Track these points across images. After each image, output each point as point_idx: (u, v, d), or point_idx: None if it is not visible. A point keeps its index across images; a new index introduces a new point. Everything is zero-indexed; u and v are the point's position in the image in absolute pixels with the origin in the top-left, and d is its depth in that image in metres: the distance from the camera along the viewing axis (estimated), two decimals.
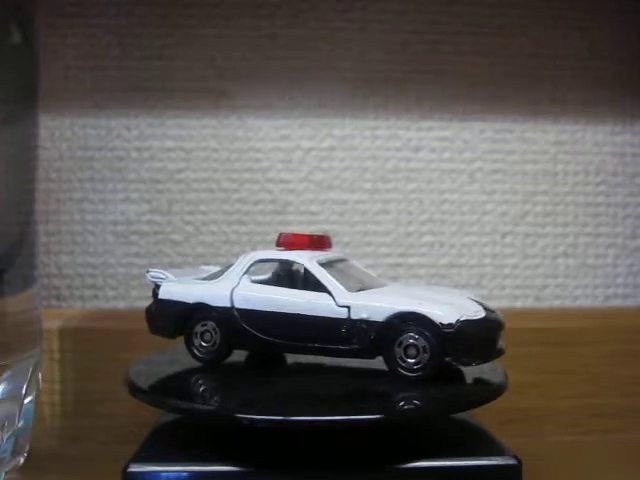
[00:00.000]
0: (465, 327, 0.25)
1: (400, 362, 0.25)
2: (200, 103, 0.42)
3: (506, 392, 0.26)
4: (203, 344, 0.28)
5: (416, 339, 0.25)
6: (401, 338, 0.25)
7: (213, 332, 0.28)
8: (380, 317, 0.25)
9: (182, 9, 0.42)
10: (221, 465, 0.23)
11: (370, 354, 0.26)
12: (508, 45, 0.43)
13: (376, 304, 0.26)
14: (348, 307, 0.26)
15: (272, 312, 0.27)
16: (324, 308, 0.26)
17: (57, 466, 0.33)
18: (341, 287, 0.27)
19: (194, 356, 0.28)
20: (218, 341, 0.28)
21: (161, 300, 0.29)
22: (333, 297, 0.26)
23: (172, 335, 0.29)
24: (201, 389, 0.25)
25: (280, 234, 0.30)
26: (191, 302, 0.28)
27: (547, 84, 0.43)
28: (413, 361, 0.25)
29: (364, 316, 0.26)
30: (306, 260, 0.28)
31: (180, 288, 0.28)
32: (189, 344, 0.28)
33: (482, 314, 0.26)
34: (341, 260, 0.30)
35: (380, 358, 0.27)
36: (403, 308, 0.25)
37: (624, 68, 0.43)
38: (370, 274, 0.30)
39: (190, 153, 0.42)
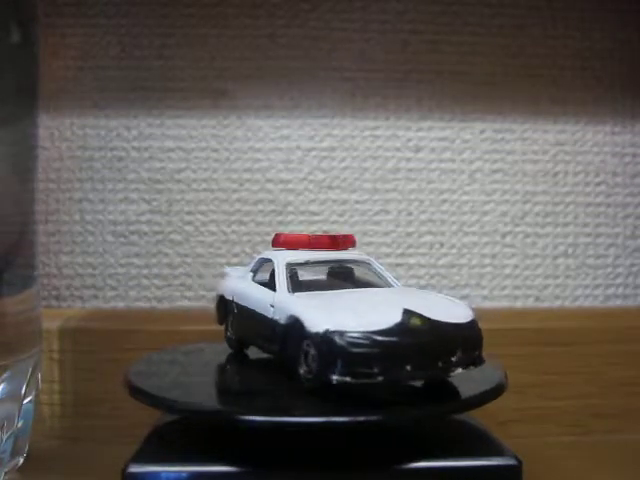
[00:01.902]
0: (333, 338, 0.22)
1: (298, 369, 0.24)
2: (200, 103, 0.42)
3: (506, 392, 0.26)
4: (228, 334, 0.31)
5: (308, 346, 0.23)
6: (303, 344, 0.23)
7: (231, 324, 0.31)
8: (285, 320, 0.25)
9: (182, 9, 0.42)
10: (221, 465, 0.23)
11: (284, 358, 0.25)
12: (508, 45, 0.43)
13: (287, 306, 0.25)
14: (273, 307, 0.26)
15: (245, 307, 0.29)
16: (264, 306, 0.27)
17: (56, 466, 0.33)
18: (284, 288, 0.26)
19: (228, 344, 0.31)
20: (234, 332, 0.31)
21: (218, 294, 0.32)
22: (273, 296, 0.27)
23: (219, 323, 0.32)
24: (201, 389, 0.25)
25: (277, 234, 0.31)
26: (225, 296, 0.31)
27: (547, 84, 0.43)
28: (304, 370, 0.23)
29: (277, 317, 0.25)
30: (279, 259, 0.28)
31: (225, 284, 0.32)
32: (224, 333, 0.31)
33: (387, 326, 0.22)
34: (336, 261, 0.29)
35: None
36: (294, 312, 0.24)
37: (624, 68, 0.43)
38: (370, 281, 0.29)
39: (190, 153, 0.42)
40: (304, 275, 0.29)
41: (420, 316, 0.23)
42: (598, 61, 0.43)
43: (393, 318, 0.23)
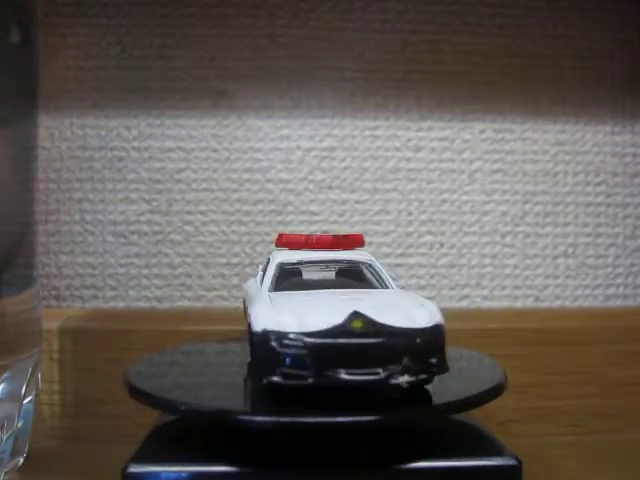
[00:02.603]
0: (268, 338, 0.22)
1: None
2: (200, 103, 0.42)
3: (506, 392, 0.26)
4: None
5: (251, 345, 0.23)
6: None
7: None
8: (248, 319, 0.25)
9: (182, 9, 0.42)
10: (221, 466, 0.23)
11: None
12: (508, 45, 0.43)
13: (252, 305, 0.25)
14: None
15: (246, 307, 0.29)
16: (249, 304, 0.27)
17: (56, 466, 0.33)
18: (266, 286, 0.27)
19: None
20: None
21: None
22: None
23: None
24: (200, 390, 0.25)
25: (280, 234, 0.31)
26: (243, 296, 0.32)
27: (547, 84, 0.43)
28: (249, 369, 0.23)
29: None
30: (274, 259, 0.29)
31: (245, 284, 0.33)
32: None
33: (324, 328, 0.22)
34: (333, 262, 0.29)
35: None
36: (250, 311, 0.24)
37: (624, 68, 0.43)
38: (365, 282, 0.28)
39: (190, 153, 0.42)
40: (308, 275, 0.29)
41: (364, 319, 0.22)
42: (598, 61, 0.43)
43: (335, 320, 0.22)
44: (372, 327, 0.22)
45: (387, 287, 0.28)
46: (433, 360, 0.22)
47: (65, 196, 0.41)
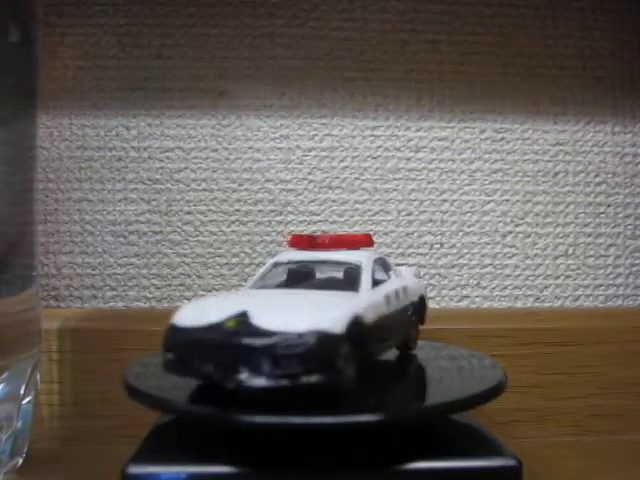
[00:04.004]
0: (169, 328, 0.24)
1: None
2: (199, 103, 0.42)
3: (506, 392, 0.26)
4: None
5: None
6: None
7: None
8: None
9: (181, 8, 0.41)
10: (220, 466, 0.23)
11: None
12: (508, 45, 0.43)
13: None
14: None
15: None
16: None
17: (56, 467, 0.33)
18: (249, 283, 0.28)
19: None
20: None
21: None
22: None
23: None
24: (200, 390, 0.25)
25: (291, 235, 0.31)
26: None
27: (547, 84, 0.43)
28: None
29: None
30: (272, 258, 0.30)
31: None
32: None
33: (203, 324, 0.23)
34: (320, 262, 0.29)
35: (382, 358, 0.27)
36: None
37: (624, 68, 0.43)
38: (340, 283, 0.28)
39: (189, 153, 0.42)
40: (321, 275, 0.30)
41: (239, 319, 0.22)
42: (598, 61, 0.43)
43: (218, 317, 0.23)
44: (243, 327, 0.22)
45: (356, 290, 0.26)
46: (302, 368, 0.21)
47: (64, 196, 0.41)
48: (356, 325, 0.23)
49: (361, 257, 0.28)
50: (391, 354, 0.30)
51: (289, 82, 0.42)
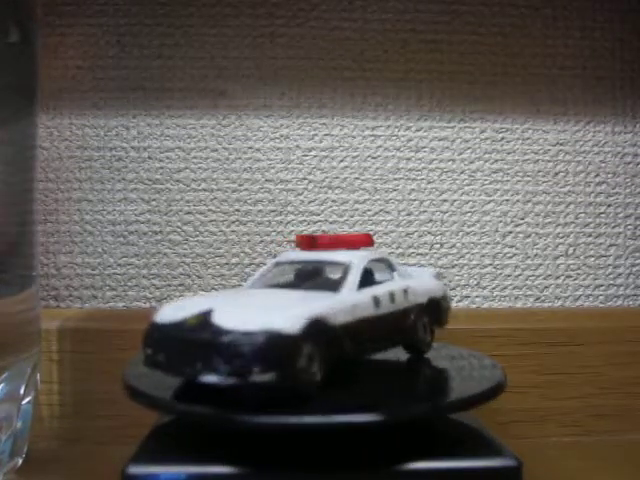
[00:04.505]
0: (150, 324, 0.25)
1: None
2: (199, 103, 0.42)
3: (506, 392, 0.26)
4: None
5: None
6: None
7: None
8: None
9: (181, 8, 0.41)
10: (220, 466, 0.23)
11: None
12: (508, 45, 0.43)
13: None
14: None
15: None
16: None
17: (55, 467, 0.33)
18: (249, 282, 0.29)
19: None
20: None
21: None
22: None
23: None
24: (199, 391, 0.25)
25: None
26: None
27: (547, 84, 0.43)
28: None
29: None
30: (276, 257, 0.30)
31: None
32: None
33: (172, 321, 0.24)
34: (316, 262, 0.29)
35: (380, 357, 0.27)
36: None
37: (624, 68, 0.43)
38: (328, 283, 0.28)
39: (189, 153, 0.42)
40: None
41: (200, 317, 0.23)
42: (598, 61, 0.43)
43: (185, 315, 0.24)
44: (201, 325, 0.23)
45: (337, 290, 0.26)
46: (251, 366, 0.21)
47: (64, 196, 0.41)
48: (318, 325, 0.23)
49: (353, 257, 0.28)
50: (401, 355, 0.30)
51: (289, 82, 0.42)
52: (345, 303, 0.25)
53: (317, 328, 0.23)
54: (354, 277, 0.27)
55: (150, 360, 0.24)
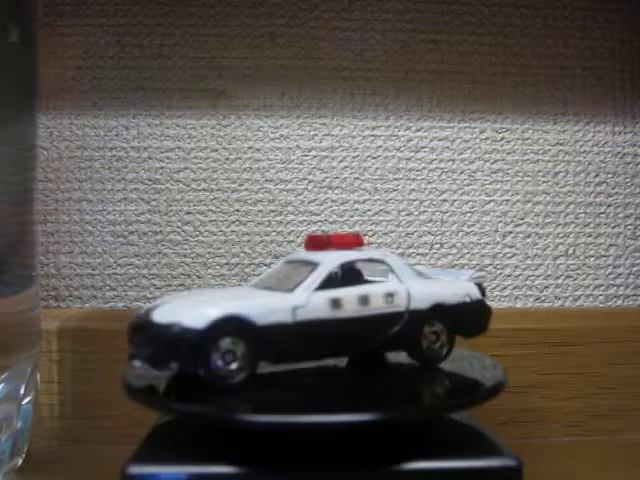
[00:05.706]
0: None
1: None
2: (199, 103, 0.42)
3: (506, 392, 0.26)
4: None
5: None
6: None
7: None
8: None
9: (181, 8, 0.41)
10: (220, 467, 0.23)
11: None
12: (508, 45, 0.43)
13: None
14: None
15: None
16: None
17: (55, 467, 0.33)
18: (254, 281, 0.29)
19: None
20: None
21: None
22: None
23: None
24: (199, 391, 0.25)
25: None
26: None
27: (547, 84, 0.43)
28: None
29: None
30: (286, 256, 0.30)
31: None
32: None
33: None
34: (304, 262, 0.28)
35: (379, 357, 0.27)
36: None
37: (624, 68, 0.43)
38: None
39: (189, 153, 0.42)
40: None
41: (147, 312, 0.26)
42: (598, 61, 0.43)
43: (144, 310, 0.26)
44: (142, 319, 0.26)
45: (292, 290, 0.26)
46: (168, 358, 0.24)
47: (64, 196, 0.41)
48: (235, 323, 0.24)
49: (324, 257, 0.27)
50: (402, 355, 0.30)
51: (289, 82, 0.42)
52: (284, 304, 0.25)
53: (236, 326, 0.24)
54: (314, 278, 0.26)
55: (129, 353, 0.26)
